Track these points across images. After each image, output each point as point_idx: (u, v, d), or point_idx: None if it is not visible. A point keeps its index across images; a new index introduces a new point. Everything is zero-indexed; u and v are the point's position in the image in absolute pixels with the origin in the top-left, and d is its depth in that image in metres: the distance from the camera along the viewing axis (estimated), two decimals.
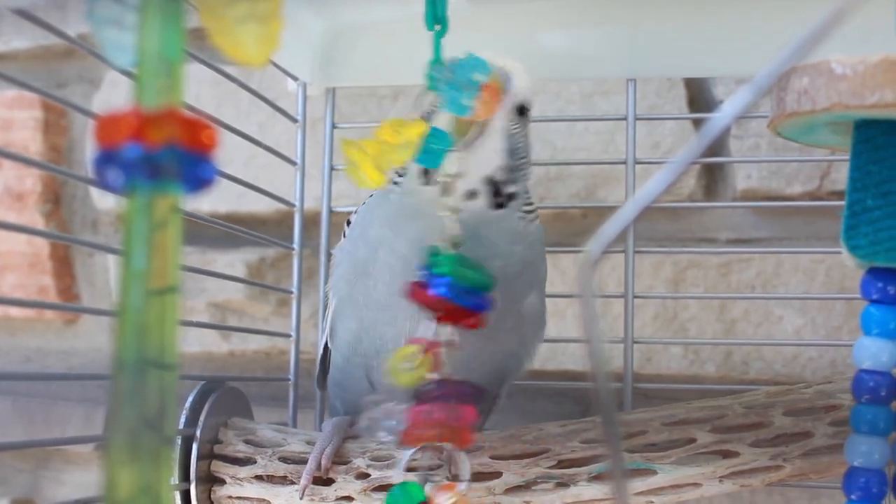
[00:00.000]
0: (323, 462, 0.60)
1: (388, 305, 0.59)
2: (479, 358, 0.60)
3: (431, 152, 0.51)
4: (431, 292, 0.50)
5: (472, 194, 0.57)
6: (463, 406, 0.50)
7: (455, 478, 0.52)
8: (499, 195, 0.58)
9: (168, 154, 0.27)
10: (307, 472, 0.60)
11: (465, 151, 0.55)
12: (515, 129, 0.59)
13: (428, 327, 0.51)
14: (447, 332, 0.51)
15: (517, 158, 0.59)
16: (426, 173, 0.57)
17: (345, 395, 0.66)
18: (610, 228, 0.30)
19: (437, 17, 0.50)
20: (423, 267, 0.51)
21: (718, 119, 0.32)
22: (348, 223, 0.66)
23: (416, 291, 0.51)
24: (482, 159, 0.57)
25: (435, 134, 0.51)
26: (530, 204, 0.61)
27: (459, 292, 0.50)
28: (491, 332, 0.59)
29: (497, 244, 0.58)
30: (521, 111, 0.59)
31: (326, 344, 0.68)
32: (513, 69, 0.57)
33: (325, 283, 0.77)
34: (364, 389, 0.62)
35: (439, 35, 0.51)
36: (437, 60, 0.51)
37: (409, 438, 0.50)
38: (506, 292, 0.58)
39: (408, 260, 0.56)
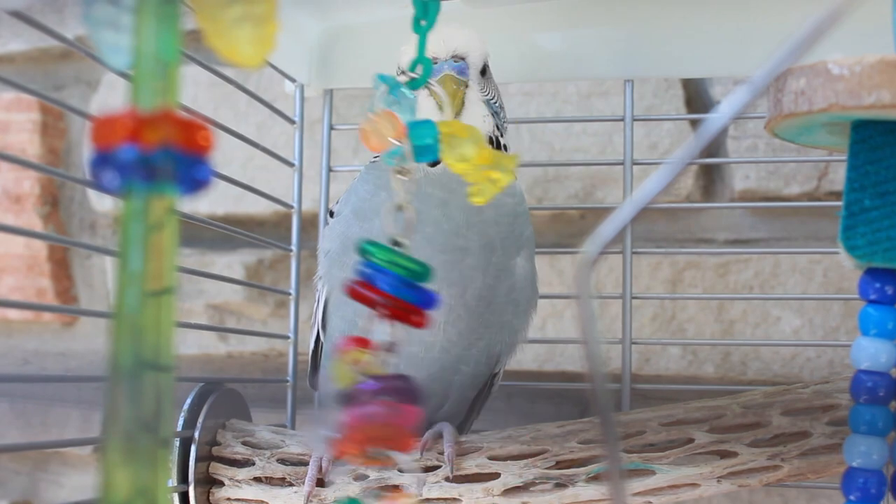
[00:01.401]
0: (324, 465, 0.60)
1: None
2: (477, 330, 0.61)
3: (426, 147, 0.49)
4: (371, 287, 0.44)
5: None
6: (404, 405, 0.44)
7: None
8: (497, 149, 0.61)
9: (164, 155, 0.27)
10: (309, 478, 0.60)
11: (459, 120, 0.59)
12: (486, 91, 0.62)
13: (378, 326, 0.45)
14: (393, 330, 0.45)
15: (500, 117, 0.63)
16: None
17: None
18: (607, 229, 0.30)
19: (423, 13, 0.50)
20: (362, 261, 0.45)
21: (715, 119, 0.32)
22: (331, 214, 0.66)
23: (355, 289, 0.45)
24: (475, 124, 0.58)
25: (417, 127, 0.50)
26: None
27: (400, 285, 0.44)
28: (488, 294, 0.60)
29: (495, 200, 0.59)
30: (483, 72, 0.63)
31: (318, 338, 0.67)
32: (464, 44, 0.61)
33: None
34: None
35: (425, 30, 0.50)
36: (420, 59, 0.50)
37: (344, 447, 0.44)
38: (501, 245, 0.61)
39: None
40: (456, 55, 0.61)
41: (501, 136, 0.63)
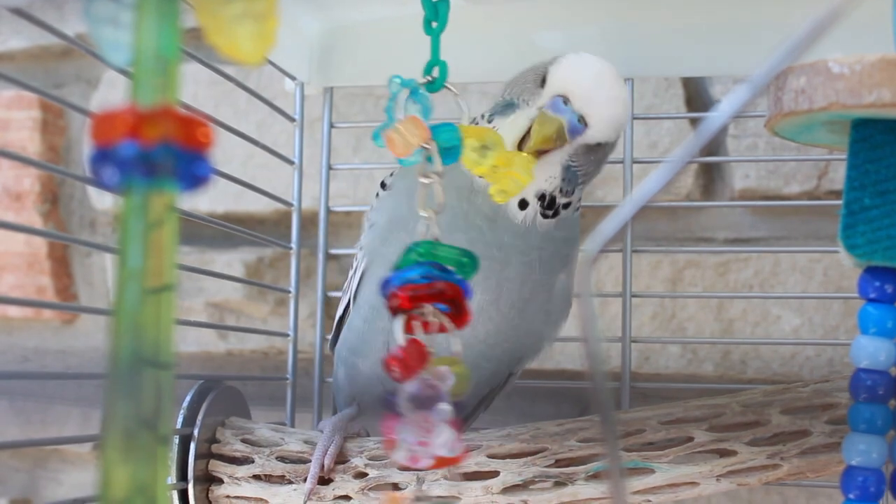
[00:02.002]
0: (326, 462, 0.60)
1: None
2: (505, 332, 0.61)
3: (450, 149, 0.50)
4: (405, 290, 0.43)
5: (524, 203, 0.58)
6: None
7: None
8: (551, 208, 0.58)
9: (164, 151, 0.27)
10: (311, 476, 0.59)
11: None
12: (579, 159, 0.58)
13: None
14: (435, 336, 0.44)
15: (573, 181, 0.59)
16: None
17: (354, 360, 0.64)
18: (607, 227, 0.30)
19: (433, 15, 0.50)
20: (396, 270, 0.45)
21: (715, 118, 0.32)
22: (383, 185, 0.64)
23: (395, 298, 0.44)
24: (535, 181, 0.56)
25: (441, 130, 0.50)
26: (580, 206, 0.62)
27: (434, 277, 0.44)
28: (523, 306, 0.59)
29: (547, 236, 0.59)
30: (594, 148, 0.58)
31: (347, 306, 0.65)
32: (594, 113, 0.56)
33: (324, 281, 0.77)
34: (379, 358, 0.60)
35: (437, 32, 0.50)
36: (435, 61, 0.50)
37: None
38: (542, 266, 0.59)
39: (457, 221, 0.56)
40: (582, 117, 0.56)
41: (564, 194, 0.58)
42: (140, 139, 0.27)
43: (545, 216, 0.58)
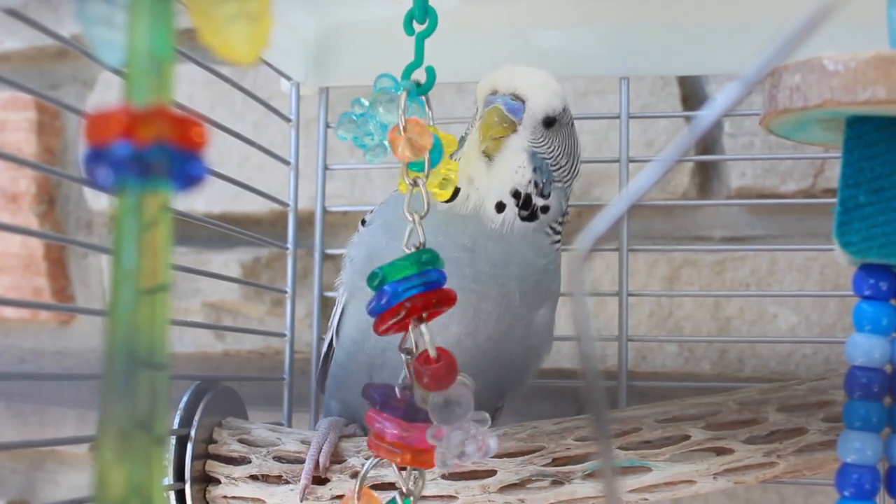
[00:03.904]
0: (321, 460, 0.60)
1: None
2: (483, 365, 0.60)
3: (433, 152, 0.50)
4: (390, 308, 0.46)
5: (500, 206, 0.58)
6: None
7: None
8: (527, 208, 0.58)
9: (158, 151, 0.27)
10: (306, 473, 0.60)
11: (488, 165, 0.58)
12: (541, 143, 0.59)
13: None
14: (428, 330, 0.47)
15: (544, 172, 0.59)
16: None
17: (344, 395, 0.66)
18: (599, 223, 0.30)
19: (419, 16, 0.50)
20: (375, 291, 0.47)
21: (707, 114, 0.32)
22: (363, 222, 0.65)
23: (381, 321, 0.47)
24: (504, 175, 0.58)
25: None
26: (563, 221, 0.62)
27: (412, 286, 0.47)
28: (501, 339, 0.59)
29: (523, 254, 0.59)
30: (549, 123, 0.59)
31: (331, 342, 0.67)
32: (526, 87, 0.58)
33: (320, 281, 0.77)
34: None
35: (423, 35, 0.51)
36: (419, 63, 0.51)
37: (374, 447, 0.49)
38: (521, 299, 0.59)
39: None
40: (516, 95, 0.58)
41: (540, 195, 0.59)
42: (134, 139, 0.27)
43: (522, 217, 0.58)
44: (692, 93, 0.85)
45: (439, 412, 0.46)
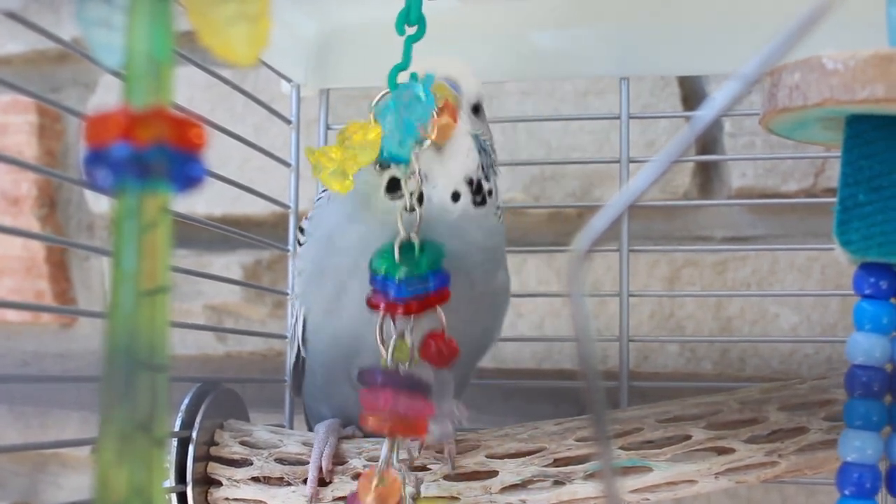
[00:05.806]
0: (324, 464, 0.60)
1: (363, 305, 0.56)
2: (464, 336, 0.60)
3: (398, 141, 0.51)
4: (391, 298, 0.53)
5: (455, 195, 0.58)
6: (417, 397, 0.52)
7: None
8: (479, 193, 0.58)
9: (157, 153, 0.27)
10: (311, 480, 0.59)
11: (439, 155, 0.57)
12: (478, 129, 0.59)
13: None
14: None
15: (488, 157, 0.60)
16: (391, 184, 0.57)
17: (332, 399, 0.66)
18: (598, 223, 0.30)
19: (410, 19, 0.50)
20: (373, 274, 0.54)
21: (706, 113, 0.32)
22: (301, 231, 0.65)
23: (377, 301, 0.53)
24: (458, 162, 0.57)
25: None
26: (498, 207, 0.62)
27: (415, 284, 0.52)
28: (474, 312, 0.60)
29: (478, 240, 0.59)
30: (476, 110, 0.60)
31: (298, 353, 0.66)
32: (458, 73, 0.58)
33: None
34: (350, 392, 0.61)
35: (411, 39, 0.51)
36: (405, 65, 0.51)
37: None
38: (485, 279, 0.60)
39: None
40: (448, 78, 0.58)
41: (486, 178, 0.59)
42: (133, 140, 0.27)
43: (475, 203, 0.58)
44: (693, 93, 0.85)
45: (437, 389, 0.53)
